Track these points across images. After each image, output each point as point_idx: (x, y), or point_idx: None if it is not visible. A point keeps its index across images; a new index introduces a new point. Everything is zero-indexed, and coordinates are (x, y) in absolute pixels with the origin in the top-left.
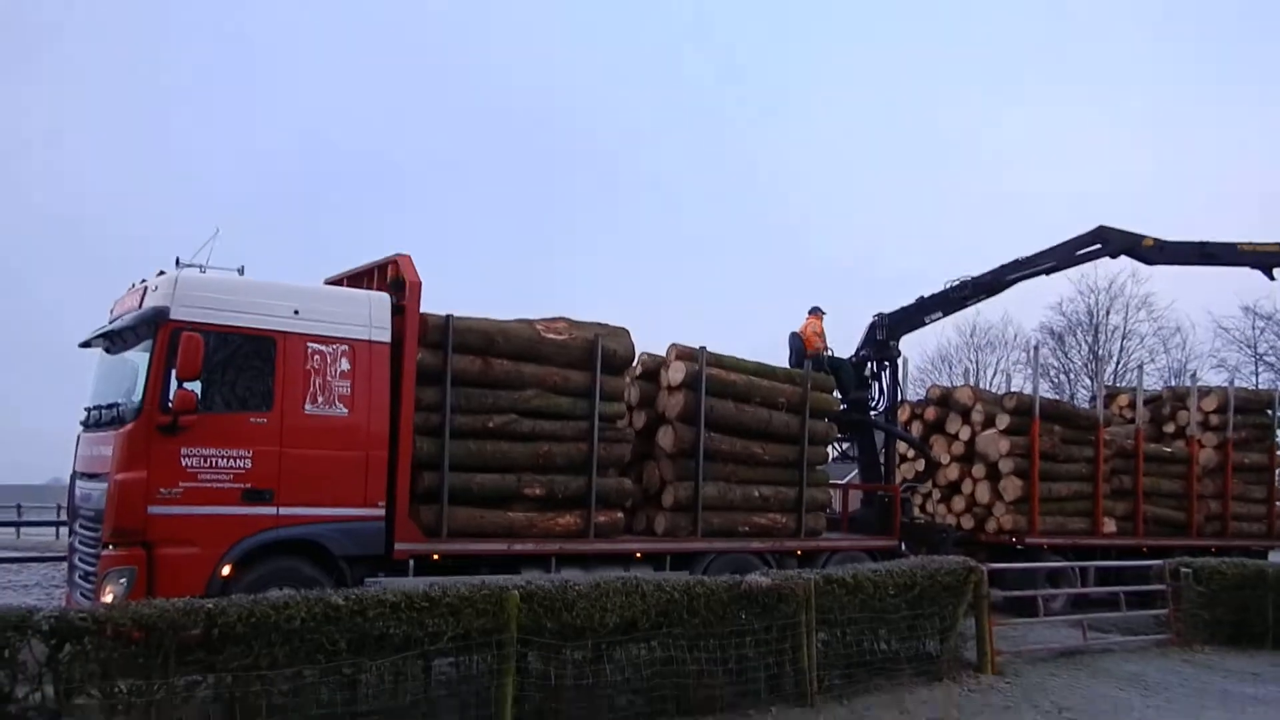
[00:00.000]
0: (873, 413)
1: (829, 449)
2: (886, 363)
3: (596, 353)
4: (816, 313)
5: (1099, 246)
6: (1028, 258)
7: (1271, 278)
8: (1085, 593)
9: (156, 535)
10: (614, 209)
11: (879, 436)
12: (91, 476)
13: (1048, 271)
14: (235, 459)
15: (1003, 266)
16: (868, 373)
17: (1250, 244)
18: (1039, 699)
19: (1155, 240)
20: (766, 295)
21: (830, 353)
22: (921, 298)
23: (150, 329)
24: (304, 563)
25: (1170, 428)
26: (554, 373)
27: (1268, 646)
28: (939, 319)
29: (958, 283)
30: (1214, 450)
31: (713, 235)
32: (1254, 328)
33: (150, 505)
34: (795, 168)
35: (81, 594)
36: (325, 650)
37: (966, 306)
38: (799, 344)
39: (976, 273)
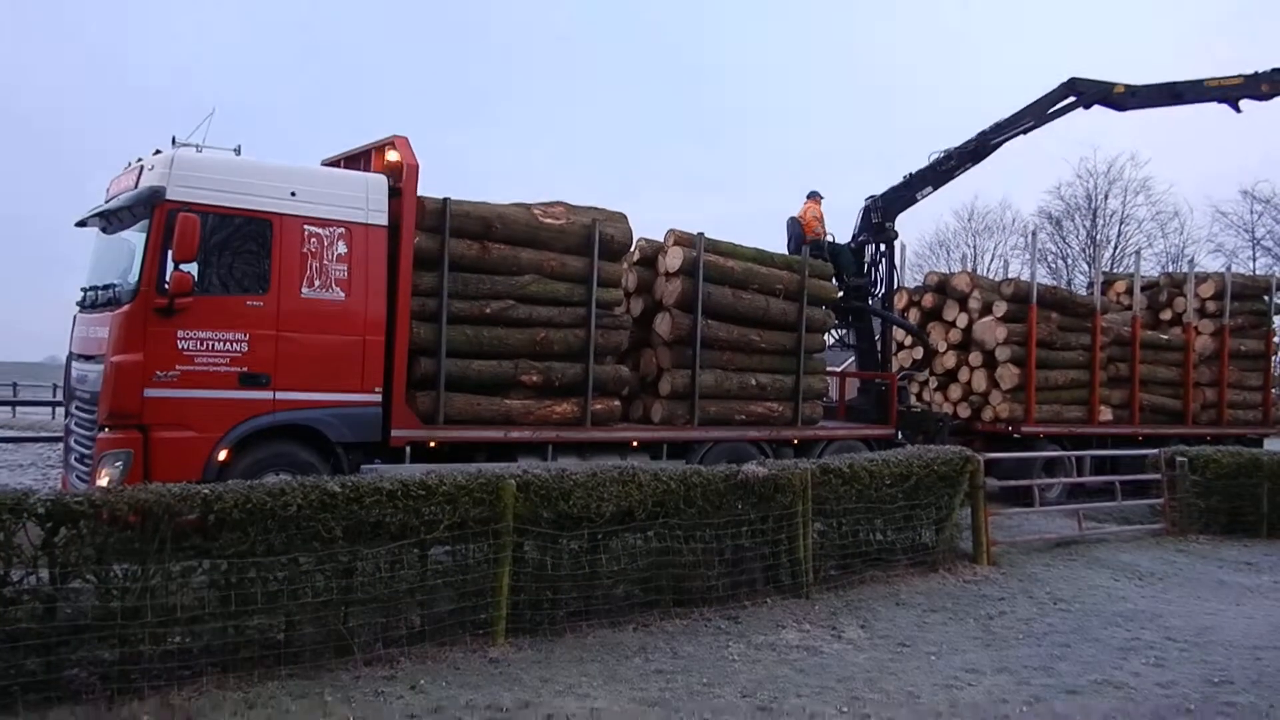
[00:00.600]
0: (871, 300)
1: (826, 336)
2: (884, 246)
3: (594, 238)
4: (815, 197)
5: (1073, 99)
6: (1007, 119)
7: (1238, 110)
8: (1081, 482)
9: (153, 418)
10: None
11: (877, 324)
12: (88, 358)
13: (1026, 130)
14: (232, 342)
15: (983, 132)
16: (867, 258)
17: (1216, 79)
18: (1034, 589)
19: (1126, 86)
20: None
21: (830, 238)
22: (909, 174)
23: (146, 209)
24: (301, 448)
25: (1167, 314)
26: (551, 258)
27: (1262, 535)
28: (930, 193)
29: (942, 154)
30: (1210, 337)
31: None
32: (1252, 212)
33: (146, 388)
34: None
35: (77, 476)
36: (321, 538)
37: (955, 176)
38: (798, 229)
39: (958, 142)
